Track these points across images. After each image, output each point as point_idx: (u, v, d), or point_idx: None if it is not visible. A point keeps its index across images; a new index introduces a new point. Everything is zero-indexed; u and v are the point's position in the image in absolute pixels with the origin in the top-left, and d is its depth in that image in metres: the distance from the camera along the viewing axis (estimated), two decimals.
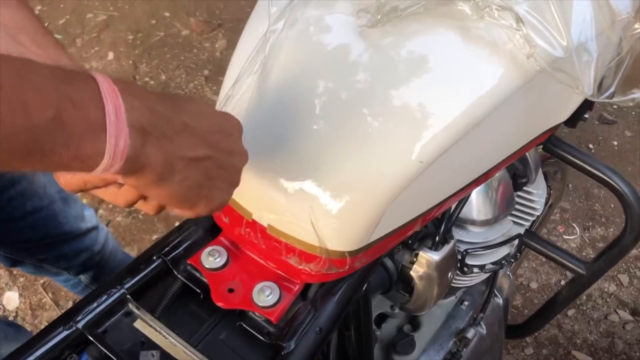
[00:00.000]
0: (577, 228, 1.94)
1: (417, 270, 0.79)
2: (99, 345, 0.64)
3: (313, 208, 0.61)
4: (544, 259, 1.87)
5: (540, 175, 0.98)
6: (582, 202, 2.01)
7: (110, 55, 2.65)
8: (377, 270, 0.80)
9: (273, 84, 0.63)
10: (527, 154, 0.89)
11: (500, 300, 1.08)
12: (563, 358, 1.66)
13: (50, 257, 1.20)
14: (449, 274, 0.81)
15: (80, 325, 0.64)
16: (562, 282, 1.82)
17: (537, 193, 0.95)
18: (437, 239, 0.77)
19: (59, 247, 1.18)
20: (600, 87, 0.62)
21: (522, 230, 0.98)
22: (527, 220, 0.98)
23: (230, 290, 0.68)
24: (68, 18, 2.81)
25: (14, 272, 1.88)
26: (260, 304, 0.66)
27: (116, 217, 2.05)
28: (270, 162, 0.63)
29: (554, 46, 0.57)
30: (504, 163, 0.74)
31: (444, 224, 0.77)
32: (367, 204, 0.61)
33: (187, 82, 2.57)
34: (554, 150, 1.01)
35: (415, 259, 0.79)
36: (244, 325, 0.67)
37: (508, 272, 1.14)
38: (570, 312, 1.75)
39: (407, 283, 0.82)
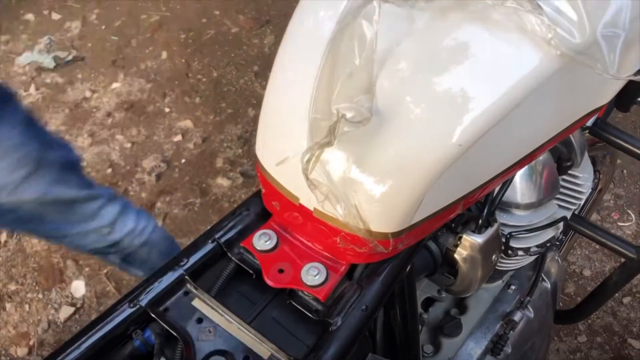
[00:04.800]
0: (632, 215, 1.90)
1: (461, 253, 0.81)
2: (161, 322, 0.69)
3: (356, 192, 0.64)
4: (597, 247, 1.84)
5: (587, 159, 0.98)
6: (638, 188, 1.96)
7: (164, 55, 2.75)
8: (422, 253, 0.82)
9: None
10: (571, 137, 0.90)
11: (548, 285, 1.08)
12: (618, 346, 1.63)
13: None
14: (493, 257, 0.83)
15: (143, 303, 0.70)
16: None
17: (583, 177, 0.95)
18: (480, 222, 0.79)
19: None
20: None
21: (568, 214, 0.98)
22: (573, 204, 0.98)
23: (280, 271, 0.72)
24: (124, 20, 2.92)
25: (80, 262, 1.99)
26: (308, 283, 0.70)
27: (173, 210, 2.14)
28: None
29: (571, 31, 0.58)
30: (545, 146, 0.75)
31: (487, 207, 0.79)
32: (408, 187, 0.64)
33: (237, 78, 2.64)
34: (601, 134, 1.01)
35: (459, 242, 0.81)
36: (294, 304, 0.71)
37: (557, 257, 1.14)
38: (626, 300, 1.72)
39: (451, 266, 0.84)
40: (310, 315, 0.70)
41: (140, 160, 2.29)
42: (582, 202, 0.98)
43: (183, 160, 2.31)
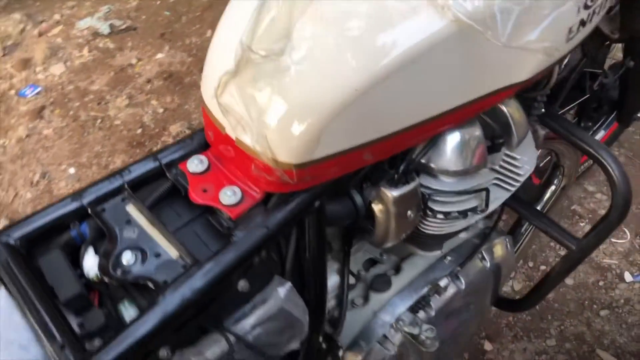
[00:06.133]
0: (627, 232, 1.90)
1: (377, 205, 0.89)
2: (96, 219, 0.80)
3: (266, 123, 0.74)
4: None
5: (530, 144, 1.04)
6: (638, 209, 1.95)
7: (209, 33, 2.90)
8: (346, 202, 0.91)
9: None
10: (509, 116, 0.95)
11: (488, 264, 1.13)
12: (586, 355, 1.65)
13: None
14: (409, 213, 0.90)
15: (85, 202, 0.81)
16: (600, 283, 1.80)
17: (521, 159, 1.01)
18: (395, 176, 0.87)
19: None
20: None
21: (507, 195, 1.04)
22: (512, 185, 1.03)
23: (204, 191, 0.82)
24: None
25: None
26: (224, 202, 0.80)
27: None
28: (236, 84, 0.76)
29: None
30: (457, 113, 0.82)
31: (403, 163, 0.87)
32: (308, 123, 0.73)
33: None
34: (549, 123, 1.07)
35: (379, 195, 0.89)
36: (211, 220, 0.81)
37: (507, 243, 1.18)
38: (603, 313, 1.73)
39: (371, 217, 0.92)
40: (220, 230, 0.80)
41: (169, 125, 2.45)
42: (519, 184, 1.03)
43: None
